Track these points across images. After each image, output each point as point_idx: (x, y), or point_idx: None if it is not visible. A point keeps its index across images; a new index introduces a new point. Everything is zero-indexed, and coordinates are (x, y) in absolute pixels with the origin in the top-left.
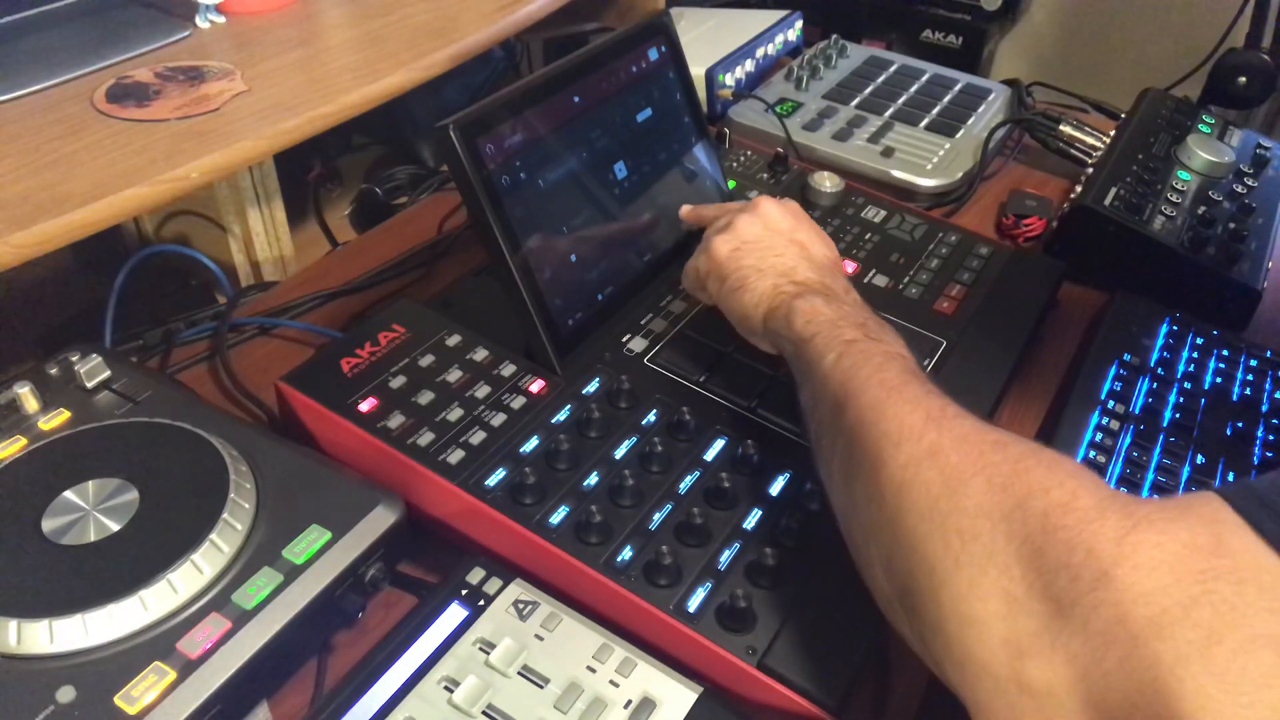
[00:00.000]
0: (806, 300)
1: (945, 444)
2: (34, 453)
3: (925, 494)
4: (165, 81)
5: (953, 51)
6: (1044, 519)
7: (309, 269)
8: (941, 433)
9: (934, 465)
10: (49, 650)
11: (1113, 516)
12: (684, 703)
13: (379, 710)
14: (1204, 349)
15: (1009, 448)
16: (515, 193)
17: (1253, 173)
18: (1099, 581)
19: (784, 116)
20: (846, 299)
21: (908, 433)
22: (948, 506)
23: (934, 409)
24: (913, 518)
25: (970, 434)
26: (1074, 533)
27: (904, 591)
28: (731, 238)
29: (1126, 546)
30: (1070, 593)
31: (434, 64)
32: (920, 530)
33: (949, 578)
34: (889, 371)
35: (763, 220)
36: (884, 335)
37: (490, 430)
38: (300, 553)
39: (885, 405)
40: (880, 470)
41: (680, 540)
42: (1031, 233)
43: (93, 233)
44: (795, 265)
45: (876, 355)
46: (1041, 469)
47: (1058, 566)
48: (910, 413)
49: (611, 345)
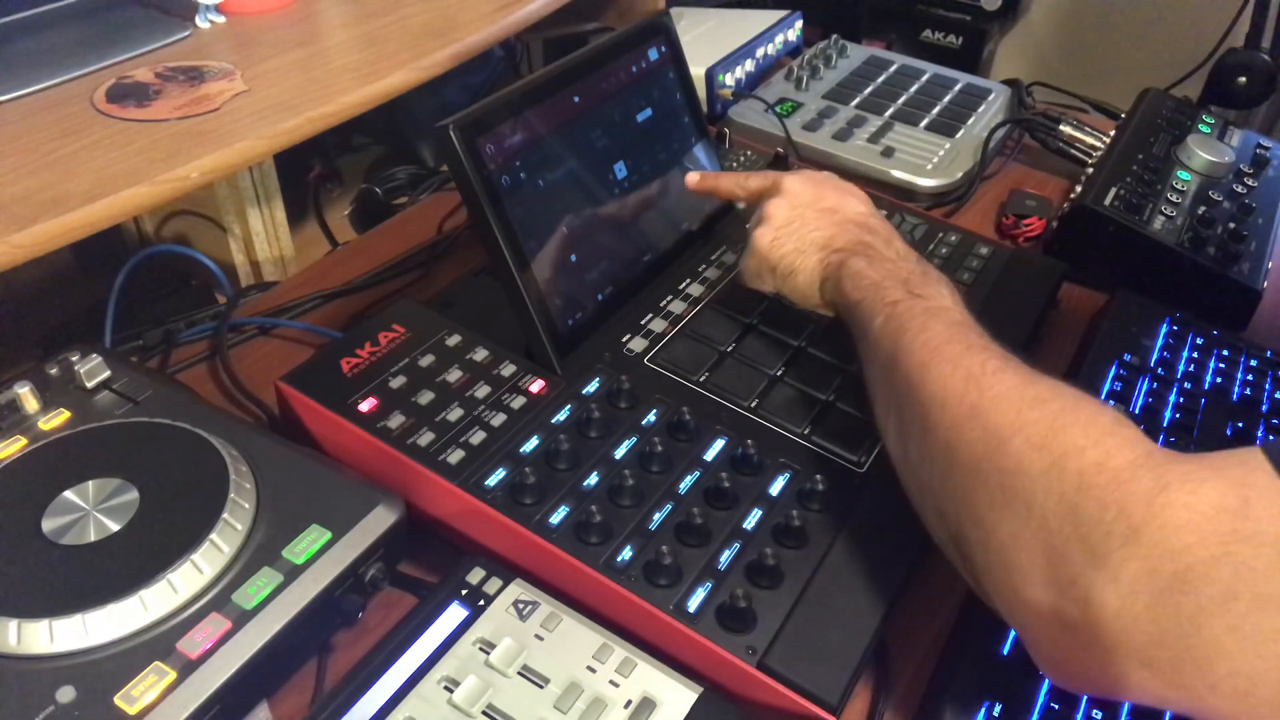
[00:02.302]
0: (851, 265)
1: (985, 404)
2: (34, 453)
3: (969, 454)
4: (165, 81)
5: (953, 51)
6: (1079, 478)
7: (309, 269)
8: (982, 393)
9: (976, 425)
10: (49, 650)
11: (1145, 477)
12: (684, 703)
13: (379, 710)
14: (1204, 349)
15: (1048, 404)
16: (515, 193)
17: (1253, 173)
18: (1130, 538)
19: (784, 116)
20: (889, 251)
21: (950, 395)
22: (990, 466)
23: (974, 367)
24: (960, 475)
25: (1009, 392)
26: (1107, 491)
27: (957, 538)
28: (768, 229)
29: (1156, 507)
30: (1103, 547)
31: (434, 64)
32: (967, 486)
33: (995, 529)
34: (931, 331)
35: (789, 200)
36: (927, 288)
37: (490, 430)
38: (300, 553)
39: (929, 368)
40: (929, 433)
41: (680, 540)
42: (1031, 233)
43: (93, 233)
44: (832, 234)
45: (919, 314)
46: (1078, 427)
47: (1092, 522)
48: (951, 374)
49: (611, 345)
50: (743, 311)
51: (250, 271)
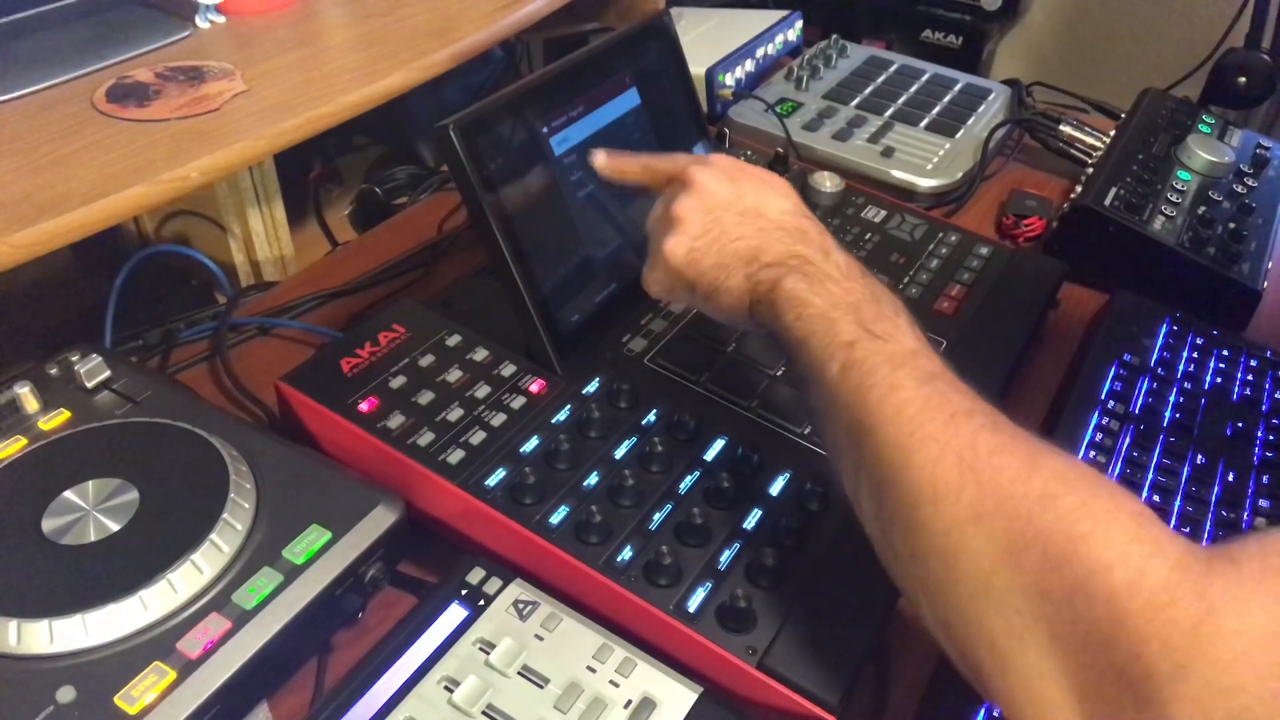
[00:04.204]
0: (787, 287)
1: (987, 506)
2: (34, 453)
3: (976, 568)
4: (165, 81)
5: (953, 51)
6: (1110, 605)
7: (309, 269)
8: (981, 488)
9: (980, 533)
10: (49, 650)
11: (1185, 599)
12: (684, 703)
13: (379, 710)
14: (1204, 349)
15: (1058, 501)
16: (515, 193)
17: (1253, 173)
18: (1176, 676)
19: (784, 116)
20: (828, 266)
21: (943, 490)
22: (1004, 584)
23: (964, 448)
24: (966, 590)
25: (1013, 486)
26: (1144, 620)
27: (965, 655)
28: (681, 238)
29: (1202, 639)
30: (1146, 687)
31: (434, 64)
32: (977, 605)
33: (1014, 657)
34: (903, 393)
35: (702, 199)
36: (881, 321)
37: (490, 430)
38: (300, 553)
39: (910, 451)
40: (920, 531)
41: (680, 540)
42: (1031, 233)
43: (93, 233)
44: (759, 244)
45: (883, 365)
46: (1099, 536)
47: (1130, 657)
48: (939, 459)
49: (611, 345)
50: None
51: (250, 271)
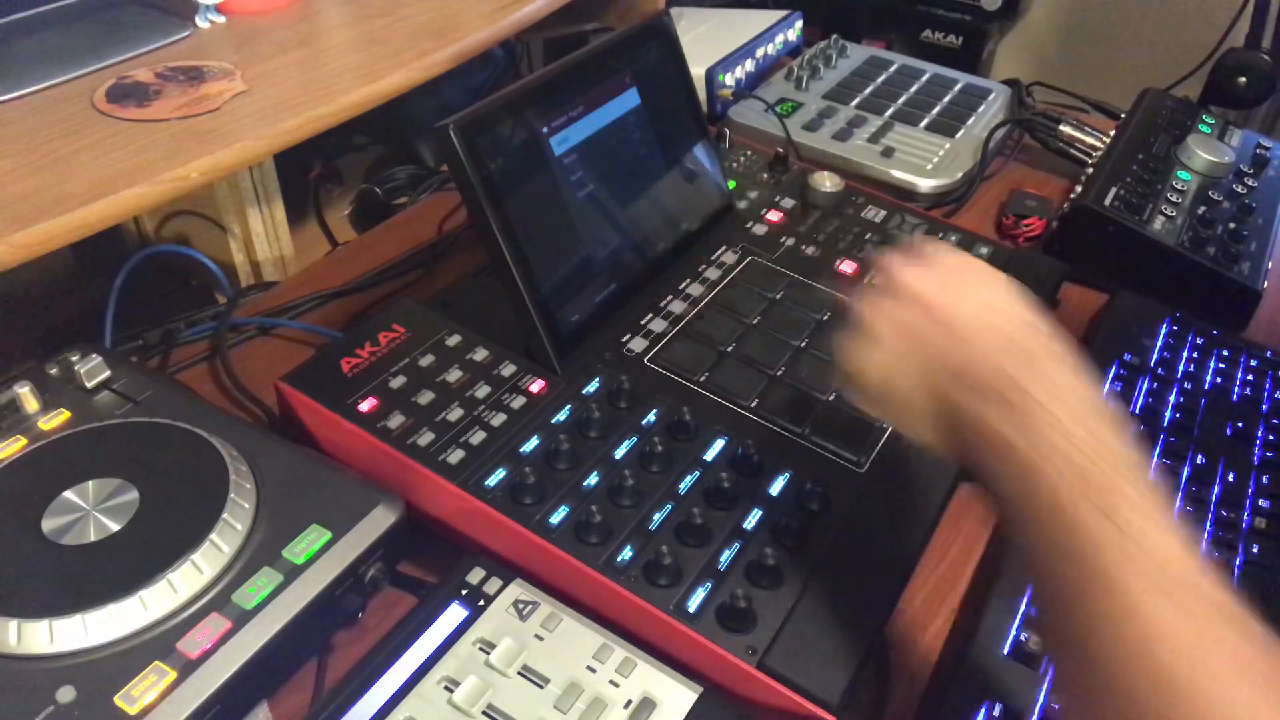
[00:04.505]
0: (992, 425)
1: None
2: (34, 453)
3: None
4: (165, 81)
5: (953, 51)
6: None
7: (309, 269)
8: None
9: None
10: (49, 650)
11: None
12: (684, 703)
13: (379, 710)
14: (1204, 349)
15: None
16: (515, 193)
17: (1253, 173)
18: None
19: (784, 116)
20: (1055, 406)
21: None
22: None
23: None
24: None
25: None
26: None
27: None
28: (870, 350)
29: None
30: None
31: (434, 64)
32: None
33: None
34: (1240, 686)
35: (903, 310)
36: (1127, 508)
37: (490, 430)
38: (300, 553)
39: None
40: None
41: (680, 540)
42: (1031, 233)
43: (93, 233)
44: (964, 363)
45: (1159, 595)
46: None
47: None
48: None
49: (611, 345)
50: (743, 312)
51: (250, 271)
